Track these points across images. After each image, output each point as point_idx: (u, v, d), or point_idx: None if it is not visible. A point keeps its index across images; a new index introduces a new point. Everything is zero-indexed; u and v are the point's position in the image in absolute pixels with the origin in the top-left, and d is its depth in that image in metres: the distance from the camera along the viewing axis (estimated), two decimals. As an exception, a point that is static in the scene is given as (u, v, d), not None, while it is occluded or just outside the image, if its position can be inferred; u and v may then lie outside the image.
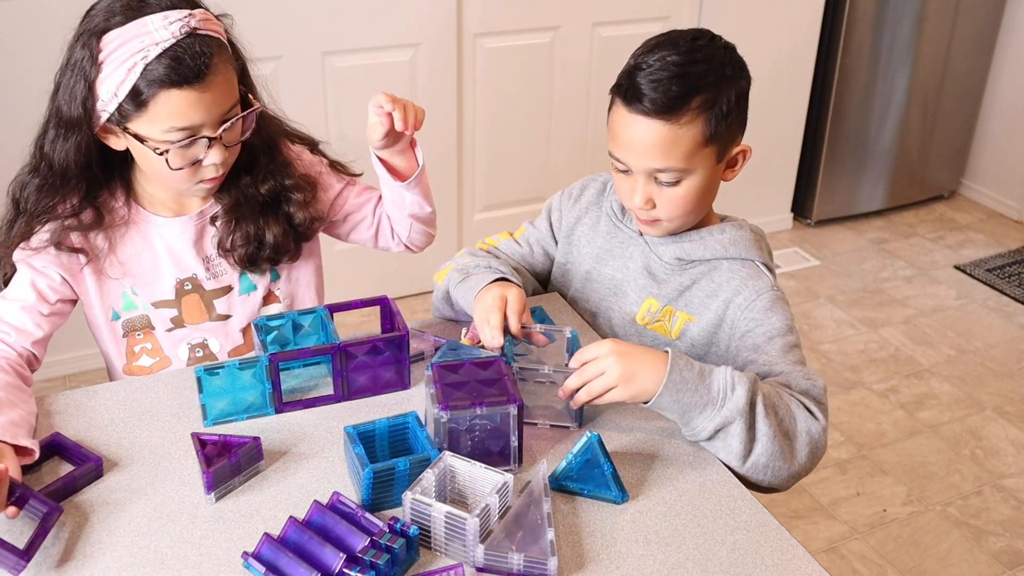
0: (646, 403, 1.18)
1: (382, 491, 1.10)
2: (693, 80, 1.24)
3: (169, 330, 1.46)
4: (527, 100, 3.06)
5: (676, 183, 1.28)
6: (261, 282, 1.49)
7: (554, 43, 3.03)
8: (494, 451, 1.16)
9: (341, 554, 1.00)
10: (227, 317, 1.48)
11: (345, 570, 1.00)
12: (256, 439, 1.17)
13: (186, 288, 1.44)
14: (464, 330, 1.39)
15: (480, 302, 1.30)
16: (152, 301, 1.44)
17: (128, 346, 1.47)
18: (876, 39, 3.41)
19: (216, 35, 1.28)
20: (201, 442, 1.18)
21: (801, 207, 3.72)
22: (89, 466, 1.16)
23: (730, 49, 1.30)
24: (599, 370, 1.17)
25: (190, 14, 1.24)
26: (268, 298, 1.50)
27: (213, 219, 1.43)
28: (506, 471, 1.09)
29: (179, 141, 1.26)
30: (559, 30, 3.01)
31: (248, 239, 1.42)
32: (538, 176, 3.20)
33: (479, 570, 1.04)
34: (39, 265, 1.37)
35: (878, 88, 3.51)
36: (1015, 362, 2.93)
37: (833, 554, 2.21)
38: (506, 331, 1.26)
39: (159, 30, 1.22)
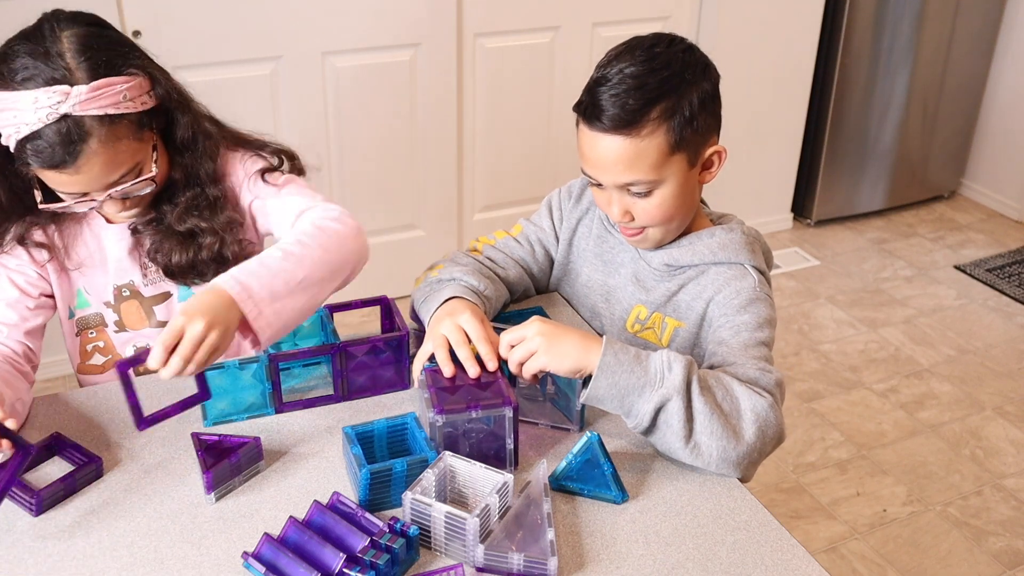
0: (583, 399, 1.17)
1: (379, 491, 1.10)
2: (650, 91, 1.22)
3: (116, 332, 1.47)
4: (527, 100, 3.06)
5: (648, 194, 1.27)
6: (200, 290, 1.47)
7: (554, 43, 3.03)
8: (490, 454, 1.15)
9: (341, 554, 1.00)
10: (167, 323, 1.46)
11: (345, 570, 1.00)
12: (256, 439, 1.17)
13: (124, 294, 1.44)
14: None
15: (434, 335, 1.23)
16: (103, 301, 1.45)
17: (81, 345, 1.47)
18: (876, 39, 3.41)
19: (103, 111, 1.20)
20: (201, 442, 1.18)
21: (801, 207, 3.72)
22: (89, 466, 1.16)
23: (690, 51, 1.27)
24: (522, 336, 1.17)
25: (63, 98, 1.18)
26: None
27: (135, 229, 1.40)
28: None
29: (66, 196, 1.27)
30: (559, 30, 3.01)
31: (166, 255, 1.39)
32: (538, 176, 3.20)
33: (479, 570, 1.04)
34: (12, 264, 1.38)
35: (878, 88, 3.51)
36: (1015, 362, 2.93)
37: (833, 554, 2.21)
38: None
39: (27, 111, 1.18)
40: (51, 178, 1.24)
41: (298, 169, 1.46)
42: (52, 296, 1.43)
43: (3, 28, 1.26)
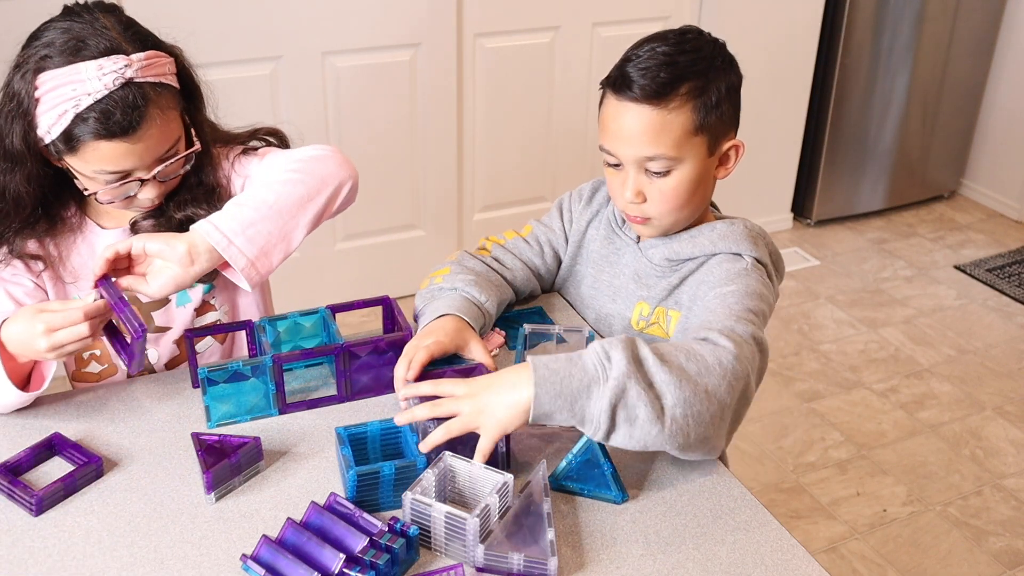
0: (528, 421, 1.09)
1: (368, 493, 1.10)
2: (681, 68, 1.23)
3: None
4: (527, 100, 3.07)
5: (667, 173, 1.27)
6: (194, 294, 1.46)
7: (554, 43, 3.03)
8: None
9: (340, 555, 1.00)
10: (166, 329, 1.47)
11: (345, 570, 1.00)
12: (256, 439, 1.17)
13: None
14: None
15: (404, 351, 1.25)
16: None
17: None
18: (876, 39, 3.41)
19: (157, 79, 1.25)
20: (201, 442, 1.18)
21: (801, 207, 3.72)
22: (89, 466, 1.16)
23: (720, 44, 1.30)
24: (453, 411, 1.12)
25: (127, 63, 1.21)
26: (204, 308, 1.48)
27: (133, 226, 1.40)
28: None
29: (110, 181, 1.27)
30: (559, 30, 3.01)
31: None
32: (538, 176, 3.20)
33: (479, 570, 1.04)
34: (8, 276, 1.37)
35: (878, 88, 3.51)
36: (1015, 362, 2.93)
37: (833, 554, 2.21)
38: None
39: (91, 80, 1.20)
40: (106, 152, 1.23)
41: (284, 144, 1.50)
42: None
43: (3, 28, 1.26)
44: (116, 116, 1.21)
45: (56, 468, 1.19)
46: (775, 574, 1.05)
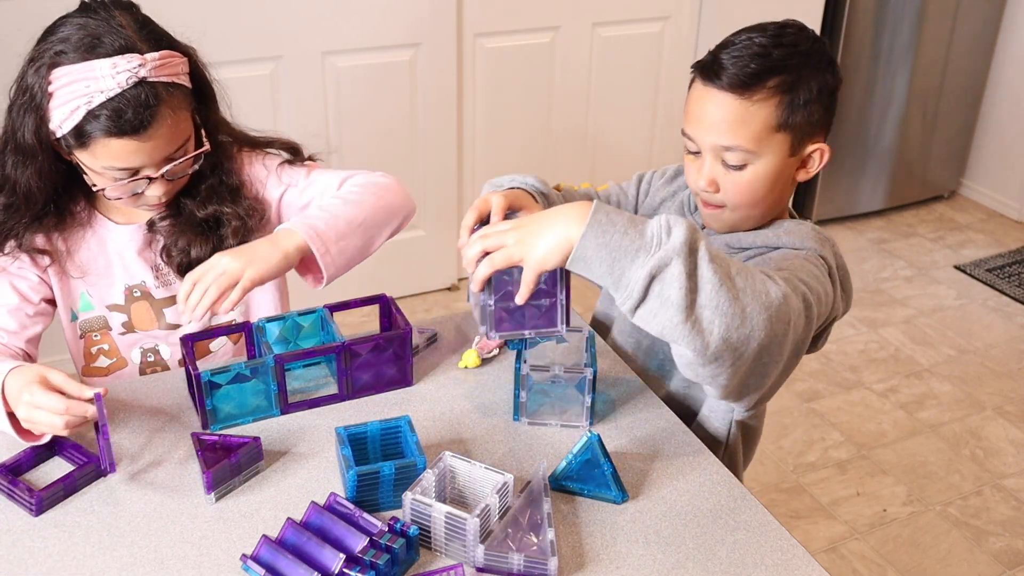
0: (568, 262, 1.04)
1: (368, 493, 1.11)
2: (773, 61, 1.20)
3: (122, 333, 1.47)
4: (527, 100, 3.06)
5: (742, 166, 1.22)
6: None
7: (554, 43, 3.03)
8: (542, 311, 1.13)
9: (340, 555, 1.00)
10: (177, 326, 1.47)
11: (345, 570, 1.00)
12: (256, 439, 1.17)
13: (135, 295, 1.44)
14: (476, 338, 1.40)
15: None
16: (106, 304, 1.44)
17: (85, 347, 1.47)
18: (876, 39, 3.41)
19: (170, 79, 1.26)
20: (201, 442, 1.18)
21: (801, 207, 3.71)
22: (89, 466, 1.16)
23: (820, 42, 1.26)
24: (499, 243, 1.09)
25: (141, 63, 1.22)
26: None
27: (151, 225, 1.41)
28: (554, 334, 1.13)
29: (118, 178, 1.27)
30: (559, 30, 3.01)
31: (182, 251, 1.40)
32: (538, 176, 3.20)
33: (479, 570, 1.04)
34: (14, 269, 1.37)
35: (878, 88, 3.51)
36: (1015, 362, 2.93)
37: (833, 554, 2.21)
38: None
39: (105, 78, 1.20)
40: (116, 149, 1.24)
41: (298, 156, 1.50)
42: (52, 302, 1.43)
43: (15, 23, 1.27)
44: (128, 114, 1.21)
45: (56, 468, 1.19)
46: (775, 574, 1.05)
